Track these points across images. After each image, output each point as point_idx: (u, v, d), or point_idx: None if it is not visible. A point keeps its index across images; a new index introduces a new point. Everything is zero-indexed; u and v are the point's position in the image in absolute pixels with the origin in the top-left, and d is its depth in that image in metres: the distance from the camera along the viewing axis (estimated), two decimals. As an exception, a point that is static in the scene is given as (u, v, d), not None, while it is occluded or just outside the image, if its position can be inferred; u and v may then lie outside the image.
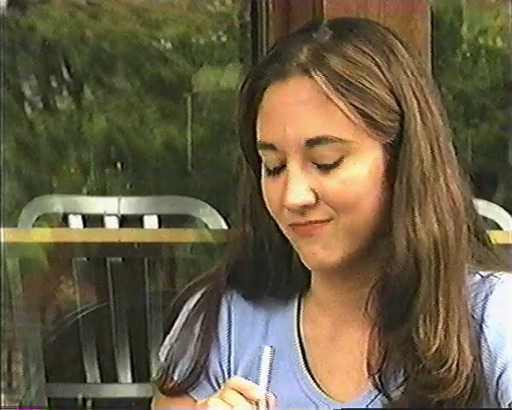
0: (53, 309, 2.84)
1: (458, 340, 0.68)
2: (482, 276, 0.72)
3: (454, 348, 0.67)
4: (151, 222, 2.73)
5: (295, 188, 0.68)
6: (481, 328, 0.70)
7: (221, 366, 0.77)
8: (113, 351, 2.53)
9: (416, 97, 0.70)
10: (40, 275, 2.71)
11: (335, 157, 0.68)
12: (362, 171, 0.69)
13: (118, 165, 3.20)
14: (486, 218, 2.55)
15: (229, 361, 0.77)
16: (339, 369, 0.75)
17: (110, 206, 2.72)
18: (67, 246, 2.69)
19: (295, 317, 0.77)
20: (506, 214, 2.60)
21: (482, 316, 0.70)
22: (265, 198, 0.72)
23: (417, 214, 0.69)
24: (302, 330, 0.77)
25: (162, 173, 3.29)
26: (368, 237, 0.71)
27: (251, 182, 0.75)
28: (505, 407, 0.68)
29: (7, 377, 2.67)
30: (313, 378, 0.75)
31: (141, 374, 2.52)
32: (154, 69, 3.37)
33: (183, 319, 0.78)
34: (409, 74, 0.71)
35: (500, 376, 0.68)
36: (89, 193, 3.08)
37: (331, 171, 0.68)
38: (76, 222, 2.71)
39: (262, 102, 0.71)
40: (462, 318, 0.69)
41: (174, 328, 0.79)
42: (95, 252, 2.62)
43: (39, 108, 3.39)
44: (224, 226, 2.54)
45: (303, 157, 0.69)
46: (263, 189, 0.72)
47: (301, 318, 0.77)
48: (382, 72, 0.69)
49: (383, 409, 0.71)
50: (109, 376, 2.55)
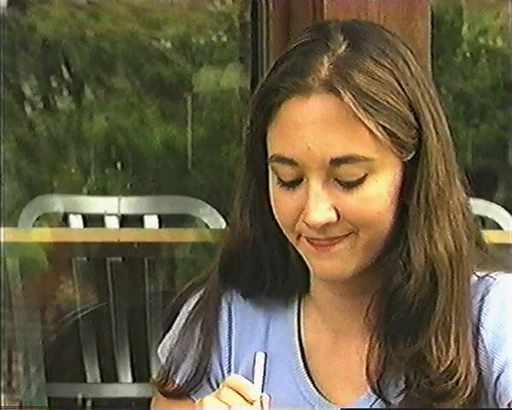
0: (53, 309, 2.84)
1: (467, 354, 0.68)
2: (478, 277, 0.72)
3: (464, 363, 0.67)
4: (151, 222, 2.73)
5: (318, 206, 0.68)
6: (478, 330, 0.70)
7: (222, 369, 0.77)
8: (113, 351, 2.53)
9: (430, 111, 0.70)
10: (40, 275, 2.71)
11: (359, 175, 0.68)
12: (383, 188, 0.69)
13: (118, 165, 3.20)
14: (486, 218, 2.55)
15: (229, 364, 0.77)
16: (339, 374, 0.75)
17: (110, 206, 2.72)
18: (67, 246, 2.69)
19: (295, 321, 0.77)
20: (506, 214, 2.60)
21: (479, 317, 0.70)
22: (276, 208, 0.71)
23: (435, 229, 0.68)
24: (303, 334, 0.77)
25: (162, 173, 3.28)
26: (380, 250, 0.70)
27: (251, 185, 0.75)
28: (505, 408, 0.68)
29: (7, 377, 2.66)
30: (313, 383, 0.75)
31: (141, 374, 2.52)
32: (154, 69, 3.37)
33: (183, 320, 0.78)
34: (421, 86, 0.70)
35: (498, 377, 0.68)
36: (89, 193, 3.08)
37: (354, 188, 0.68)
38: (76, 222, 2.71)
39: (278, 116, 0.69)
40: (468, 330, 0.69)
41: (174, 328, 0.79)
42: (95, 252, 2.62)
43: (39, 108, 3.38)
44: (225, 226, 2.53)
45: (325, 174, 0.68)
46: (273, 198, 0.71)
47: (301, 322, 0.77)
48: (401, 86, 0.68)
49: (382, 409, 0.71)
50: (109, 376, 2.55)
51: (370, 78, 0.68)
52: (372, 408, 0.72)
